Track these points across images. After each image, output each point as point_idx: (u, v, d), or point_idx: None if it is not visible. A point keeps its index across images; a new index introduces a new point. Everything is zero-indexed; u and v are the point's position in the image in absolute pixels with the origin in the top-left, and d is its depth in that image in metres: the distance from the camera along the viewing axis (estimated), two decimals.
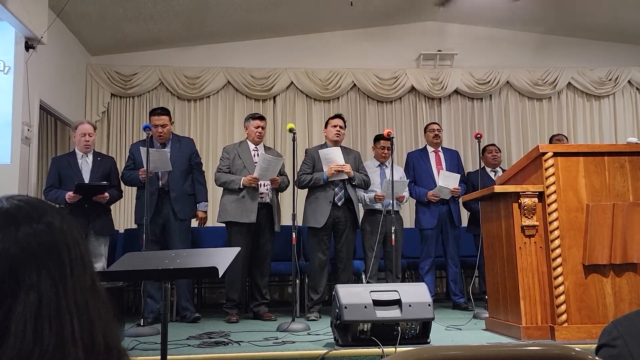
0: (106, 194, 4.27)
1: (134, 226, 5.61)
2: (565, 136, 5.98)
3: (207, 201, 4.70)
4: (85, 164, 4.42)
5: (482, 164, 5.57)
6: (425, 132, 5.52)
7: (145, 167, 4.17)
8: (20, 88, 4.59)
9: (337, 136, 4.71)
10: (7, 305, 0.64)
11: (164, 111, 4.62)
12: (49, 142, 6.29)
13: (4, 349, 0.62)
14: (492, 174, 5.45)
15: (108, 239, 4.47)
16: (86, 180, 4.35)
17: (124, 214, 6.28)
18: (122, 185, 4.66)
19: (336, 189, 4.58)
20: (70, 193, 4.17)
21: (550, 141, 5.83)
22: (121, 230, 5.87)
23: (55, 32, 5.17)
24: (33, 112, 4.81)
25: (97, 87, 6.42)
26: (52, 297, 0.66)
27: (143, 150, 4.16)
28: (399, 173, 5.11)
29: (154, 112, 4.61)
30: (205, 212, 4.69)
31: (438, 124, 5.55)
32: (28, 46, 4.65)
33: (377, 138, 5.24)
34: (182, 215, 4.48)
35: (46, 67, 5.13)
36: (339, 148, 4.64)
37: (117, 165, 4.73)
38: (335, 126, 4.72)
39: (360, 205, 4.92)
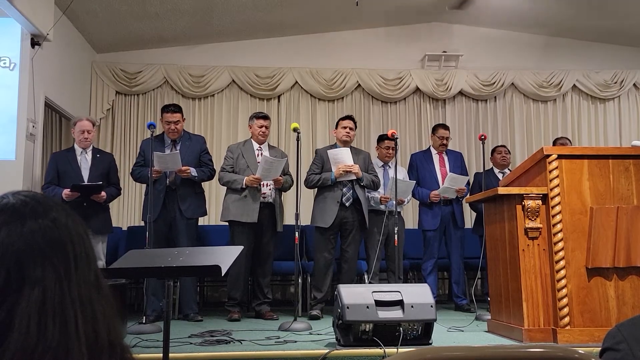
0: (103, 194, 4.27)
1: (138, 223, 5.64)
2: (568, 139, 5.95)
3: (197, 176, 4.49)
4: (85, 161, 4.42)
5: (491, 165, 5.56)
6: (433, 133, 5.46)
7: (155, 166, 4.21)
8: (25, 85, 4.61)
9: (347, 137, 4.72)
10: (11, 300, 0.64)
11: (177, 108, 4.60)
12: (53, 138, 6.30)
13: (8, 344, 0.62)
14: (500, 175, 5.43)
15: (106, 237, 4.46)
16: (85, 177, 4.35)
17: (128, 211, 6.29)
18: (130, 181, 4.67)
19: (344, 190, 4.58)
20: (67, 191, 4.15)
21: (554, 144, 5.80)
22: (124, 228, 5.89)
23: (61, 29, 5.18)
24: (38, 108, 4.82)
25: (102, 84, 6.43)
26: (57, 292, 0.66)
27: (156, 150, 4.21)
28: (402, 174, 5.10)
29: (166, 109, 4.57)
30: (190, 173, 4.42)
31: (448, 130, 5.42)
32: (34, 43, 4.66)
33: (381, 138, 5.23)
34: (189, 213, 4.47)
35: (52, 64, 5.14)
36: (348, 149, 4.64)
37: (116, 163, 4.73)
38: (345, 127, 4.73)
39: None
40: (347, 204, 4.57)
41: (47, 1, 4.69)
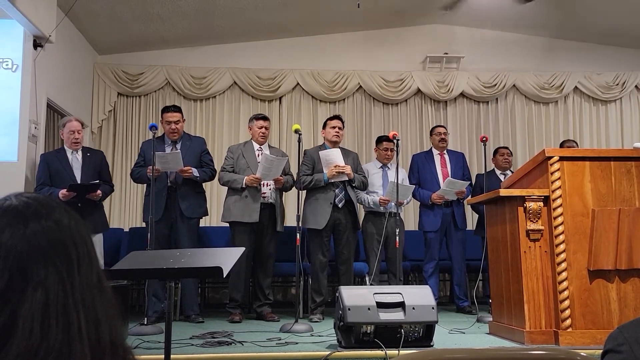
0: (99, 192, 4.27)
1: (140, 224, 5.64)
2: (575, 142, 5.94)
3: (199, 176, 4.51)
4: (76, 161, 4.41)
5: (492, 166, 5.56)
6: (431, 134, 5.52)
7: (156, 166, 4.22)
8: (27, 86, 4.62)
9: (336, 137, 4.72)
10: (14, 302, 0.64)
11: (177, 108, 4.63)
12: (55, 140, 6.31)
13: (11, 345, 0.62)
14: (502, 177, 5.43)
15: (102, 235, 4.43)
16: (78, 177, 4.33)
17: (129, 212, 6.30)
18: (132, 182, 4.66)
19: (336, 191, 4.57)
20: (64, 191, 4.12)
21: (561, 147, 5.78)
22: (126, 229, 5.89)
23: (64, 30, 5.19)
24: (40, 110, 4.83)
25: (104, 86, 6.44)
26: (59, 293, 0.66)
27: (156, 150, 4.22)
28: (402, 175, 5.10)
29: (166, 110, 4.60)
30: (192, 173, 4.44)
31: (444, 127, 5.55)
32: (36, 44, 4.67)
33: (380, 139, 5.23)
34: (189, 213, 4.47)
35: (54, 66, 5.15)
36: (339, 149, 4.64)
37: (107, 160, 4.74)
38: (334, 127, 4.73)
39: (360, 206, 4.92)
40: (340, 205, 4.57)
41: (49, 3, 4.70)
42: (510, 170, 5.55)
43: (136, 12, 5.68)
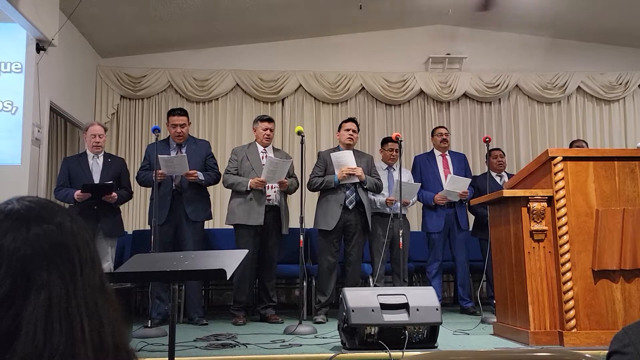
0: (114, 194, 4.28)
1: (144, 227, 5.65)
2: (585, 142, 5.91)
3: (204, 180, 4.52)
4: (96, 165, 4.45)
5: (487, 168, 5.55)
6: (432, 135, 5.51)
7: (161, 169, 4.23)
8: (30, 89, 4.63)
9: (350, 140, 4.72)
10: (18, 305, 0.64)
11: (183, 112, 4.64)
12: (58, 143, 6.33)
13: (15, 348, 0.62)
14: (497, 179, 5.43)
15: (116, 240, 4.48)
16: (96, 181, 4.36)
17: (133, 215, 6.31)
18: (135, 185, 4.68)
19: (347, 192, 4.57)
20: (79, 192, 4.17)
21: (571, 146, 5.74)
22: (130, 232, 5.90)
23: (66, 34, 5.21)
24: (43, 113, 4.85)
25: (106, 88, 6.46)
26: (62, 296, 0.66)
27: (161, 153, 4.23)
28: (407, 176, 5.10)
29: (173, 113, 4.61)
30: (198, 177, 4.44)
31: (445, 128, 5.54)
32: (39, 48, 4.69)
33: (385, 141, 5.23)
34: (194, 216, 4.47)
35: (57, 69, 5.17)
36: (351, 151, 4.64)
37: (127, 167, 4.75)
38: (348, 130, 4.73)
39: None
40: (350, 207, 4.56)
41: (52, 7, 4.71)
42: (505, 172, 5.54)
43: (138, 14, 5.69)
